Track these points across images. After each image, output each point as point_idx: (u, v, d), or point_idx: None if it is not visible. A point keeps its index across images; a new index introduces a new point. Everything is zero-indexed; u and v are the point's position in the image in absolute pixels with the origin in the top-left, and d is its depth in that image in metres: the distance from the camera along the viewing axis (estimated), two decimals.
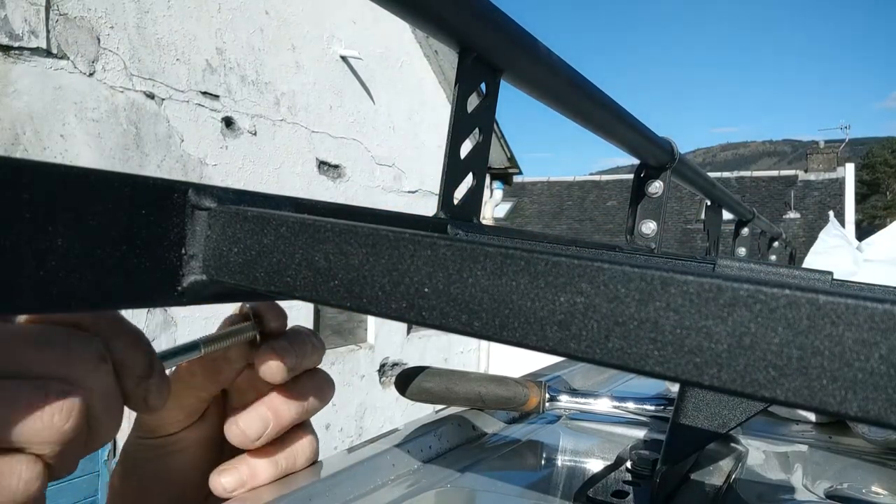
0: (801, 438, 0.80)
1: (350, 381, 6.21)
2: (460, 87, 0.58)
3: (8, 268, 0.23)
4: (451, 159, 0.59)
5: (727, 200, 1.64)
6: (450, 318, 0.24)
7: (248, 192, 0.32)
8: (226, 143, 5.05)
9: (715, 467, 0.66)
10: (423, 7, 0.52)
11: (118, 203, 0.27)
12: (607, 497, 0.57)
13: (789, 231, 12.77)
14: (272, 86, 5.45)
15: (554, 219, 16.98)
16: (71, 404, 0.29)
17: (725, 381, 0.19)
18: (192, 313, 4.80)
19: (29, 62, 3.73)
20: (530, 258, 0.23)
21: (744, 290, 0.19)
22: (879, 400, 0.17)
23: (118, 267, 0.27)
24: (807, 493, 0.62)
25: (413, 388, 0.70)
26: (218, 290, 0.31)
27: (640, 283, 0.21)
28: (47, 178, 0.24)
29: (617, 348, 0.21)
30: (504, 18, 0.58)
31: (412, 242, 0.25)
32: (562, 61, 0.70)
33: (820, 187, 16.09)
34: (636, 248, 1.07)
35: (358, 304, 0.26)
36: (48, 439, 0.28)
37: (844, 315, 0.18)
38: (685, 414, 0.53)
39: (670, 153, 1.10)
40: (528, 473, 0.65)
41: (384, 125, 6.72)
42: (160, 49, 4.54)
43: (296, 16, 5.67)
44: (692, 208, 15.08)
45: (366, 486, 0.54)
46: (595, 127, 0.86)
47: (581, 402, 0.78)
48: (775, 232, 2.58)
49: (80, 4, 4.01)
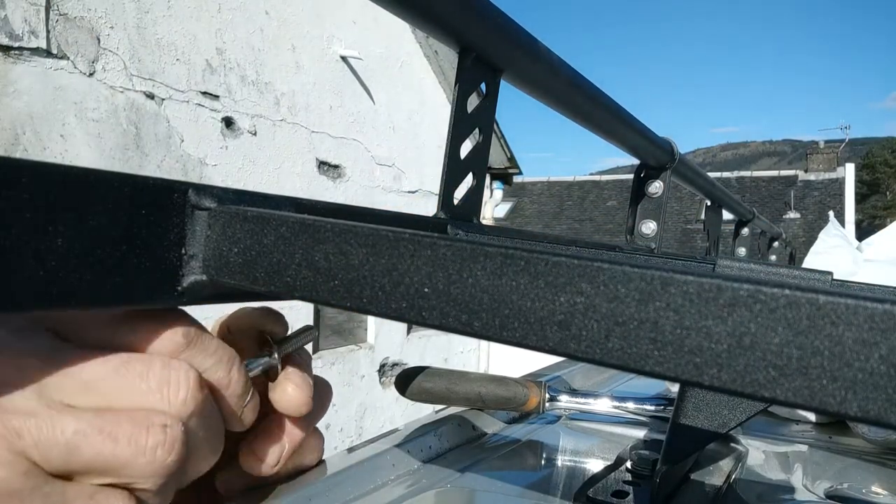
0: (801, 438, 0.80)
1: (350, 382, 6.20)
2: (460, 87, 0.58)
3: (8, 268, 0.23)
4: (451, 159, 0.59)
5: (727, 200, 1.64)
6: (450, 318, 0.24)
7: (248, 192, 0.32)
8: (226, 144, 5.05)
9: (715, 467, 0.66)
10: (423, 7, 0.52)
11: (118, 203, 0.27)
12: (607, 497, 0.57)
13: (789, 231, 12.77)
14: (272, 86, 5.45)
15: (554, 219, 16.98)
16: (174, 436, 0.28)
17: (725, 381, 0.19)
18: (191, 313, 4.79)
19: (29, 62, 3.73)
20: (530, 258, 0.22)
21: (744, 290, 0.19)
22: (879, 400, 0.17)
23: (118, 267, 0.27)
24: (807, 493, 0.62)
25: (413, 388, 0.70)
26: (218, 290, 0.31)
27: (640, 283, 0.21)
28: (47, 178, 0.24)
29: (617, 348, 0.21)
30: (504, 18, 0.58)
31: (412, 242, 0.25)
32: (562, 61, 0.70)
33: (820, 187, 16.09)
34: (636, 248, 1.07)
35: (358, 304, 0.26)
36: (152, 474, 0.27)
37: (844, 315, 0.18)
38: (685, 414, 0.53)
39: (670, 153, 1.10)
40: (528, 473, 0.65)
41: (384, 125, 6.71)
42: (160, 49, 4.54)
43: (296, 16, 5.67)
44: (692, 208, 15.08)
45: (366, 486, 0.54)
46: (595, 127, 0.86)
47: (581, 402, 0.78)
48: (775, 232, 2.58)
49: (80, 4, 4.01)
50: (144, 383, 0.28)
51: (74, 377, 0.27)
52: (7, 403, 0.25)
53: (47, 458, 0.25)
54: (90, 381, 0.27)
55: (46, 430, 0.25)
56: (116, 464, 0.27)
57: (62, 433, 0.26)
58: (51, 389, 0.26)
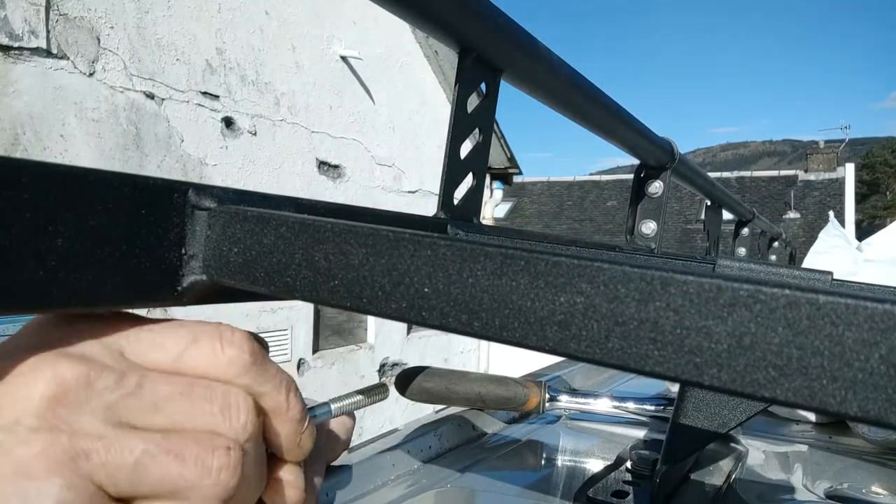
0: (801, 438, 0.80)
1: (350, 382, 6.20)
2: (460, 87, 0.58)
3: (8, 268, 0.23)
4: (451, 159, 0.59)
5: (727, 200, 1.64)
6: (450, 318, 0.24)
7: (248, 192, 0.32)
8: (226, 144, 5.05)
9: (715, 467, 0.66)
10: (423, 7, 0.52)
11: (118, 203, 0.27)
12: (607, 497, 0.57)
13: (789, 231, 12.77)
14: (272, 86, 5.45)
15: (554, 219, 16.98)
16: (237, 459, 0.27)
17: (725, 381, 0.19)
18: (192, 313, 4.80)
19: (29, 62, 3.73)
20: (530, 258, 0.22)
21: (744, 290, 0.19)
22: (879, 400, 0.17)
23: (118, 267, 0.27)
24: (807, 493, 0.62)
25: (413, 388, 0.70)
26: (218, 290, 0.31)
27: (640, 283, 0.21)
28: (47, 178, 0.24)
29: (617, 348, 0.21)
30: (504, 18, 0.58)
31: (412, 242, 0.25)
32: (562, 61, 0.70)
33: (820, 187, 16.09)
34: (636, 248, 1.07)
35: (358, 304, 0.26)
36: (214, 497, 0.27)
37: (844, 315, 0.18)
38: (685, 414, 0.53)
39: (670, 153, 1.10)
40: (528, 473, 0.65)
41: (384, 125, 6.72)
42: (160, 49, 4.54)
43: (296, 16, 5.67)
44: (692, 208, 15.08)
45: (366, 486, 0.54)
46: (595, 127, 0.86)
47: (581, 402, 0.78)
48: (775, 232, 2.58)
49: (80, 4, 4.01)
50: (208, 405, 0.28)
51: (140, 399, 0.27)
52: (75, 426, 0.25)
53: (114, 479, 0.25)
54: (156, 403, 0.27)
55: (115, 452, 0.25)
56: (182, 485, 0.26)
57: (130, 453, 0.25)
58: (118, 411, 0.26)
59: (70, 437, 0.25)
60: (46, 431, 0.24)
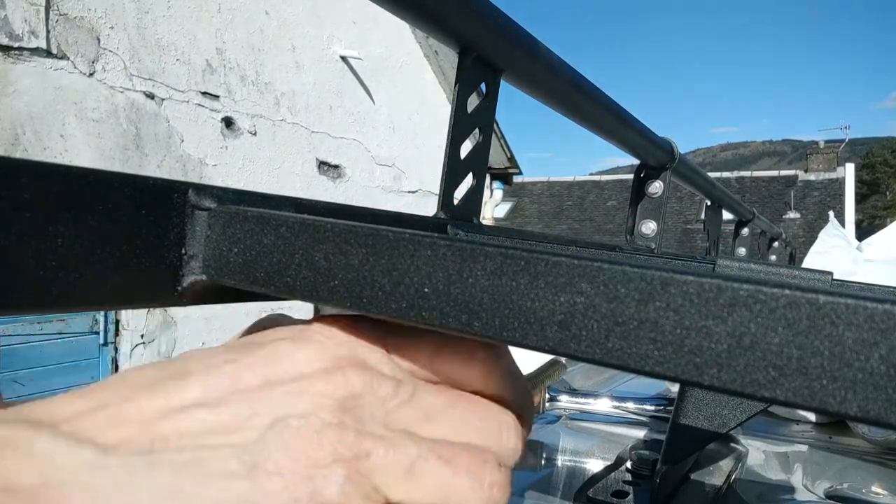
0: (801, 438, 0.80)
1: None
2: (460, 87, 0.58)
3: (8, 268, 0.23)
4: (451, 159, 0.59)
5: (727, 200, 1.64)
6: (450, 318, 0.24)
7: (248, 192, 0.32)
8: (226, 144, 5.06)
9: (715, 467, 0.66)
10: (423, 7, 0.52)
11: (118, 203, 0.27)
12: (607, 497, 0.57)
13: (789, 231, 12.77)
14: (272, 86, 5.45)
15: (554, 219, 16.99)
16: (507, 478, 0.27)
17: (725, 381, 0.19)
18: (192, 313, 4.80)
19: (29, 62, 3.73)
20: (530, 258, 0.22)
21: (744, 290, 0.19)
22: (879, 400, 0.17)
23: (118, 267, 0.27)
24: (807, 493, 0.62)
25: None
26: (218, 290, 0.31)
27: (640, 283, 0.21)
28: (47, 178, 0.24)
29: (617, 348, 0.21)
30: (504, 18, 0.58)
31: (412, 242, 0.25)
32: (562, 61, 0.70)
33: (820, 187, 16.10)
34: (636, 248, 1.07)
35: (358, 304, 0.26)
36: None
37: (844, 315, 0.18)
38: (685, 414, 0.53)
39: (670, 153, 1.10)
40: (528, 473, 0.65)
41: (384, 125, 6.72)
42: (160, 49, 4.54)
43: (296, 16, 5.67)
44: (692, 208, 15.08)
45: None
46: (595, 127, 0.86)
47: (581, 402, 0.78)
48: (775, 232, 2.58)
49: (80, 4, 4.01)
50: (482, 422, 0.28)
51: (415, 406, 0.27)
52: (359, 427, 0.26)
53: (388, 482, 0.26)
54: (430, 412, 0.28)
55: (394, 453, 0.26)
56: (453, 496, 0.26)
57: (407, 456, 0.26)
58: (395, 417, 0.27)
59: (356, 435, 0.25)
60: (337, 427, 0.25)
